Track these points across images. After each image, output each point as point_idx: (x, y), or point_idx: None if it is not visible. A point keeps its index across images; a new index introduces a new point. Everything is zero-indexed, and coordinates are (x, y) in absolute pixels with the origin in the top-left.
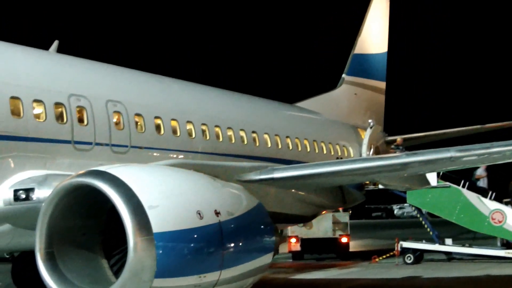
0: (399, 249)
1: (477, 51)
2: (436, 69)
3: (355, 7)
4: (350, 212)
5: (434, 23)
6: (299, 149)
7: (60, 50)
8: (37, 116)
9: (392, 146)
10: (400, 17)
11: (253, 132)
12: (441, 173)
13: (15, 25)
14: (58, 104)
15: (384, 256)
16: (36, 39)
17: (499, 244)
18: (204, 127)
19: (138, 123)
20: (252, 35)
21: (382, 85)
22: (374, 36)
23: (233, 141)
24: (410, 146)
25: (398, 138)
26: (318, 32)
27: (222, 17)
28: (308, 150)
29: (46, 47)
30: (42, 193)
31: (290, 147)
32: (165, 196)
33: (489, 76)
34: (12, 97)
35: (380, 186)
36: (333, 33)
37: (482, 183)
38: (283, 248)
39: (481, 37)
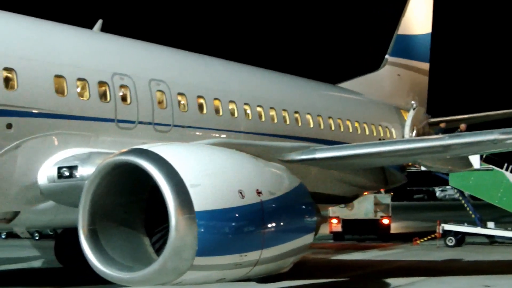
0: (440, 231)
1: None
2: (481, 50)
3: None
4: (392, 193)
5: (479, 2)
6: (341, 129)
7: (104, 29)
8: (81, 95)
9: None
10: None
11: (296, 112)
12: (484, 156)
13: (60, 5)
14: (101, 83)
15: (425, 238)
16: (81, 19)
17: None
18: (246, 107)
19: (181, 102)
20: (297, 15)
21: (426, 66)
22: (418, 16)
23: (275, 121)
24: (454, 128)
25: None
26: (362, 12)
27: None
28: (350, 130)
29: (90, 26)
30: (85, 171)
31: (332, 128)
32: (207, 174)
33: None
34: (57, 76)
35: (422, 168)
36: (377, 14)
37: None
38: (324, 229)
39: None
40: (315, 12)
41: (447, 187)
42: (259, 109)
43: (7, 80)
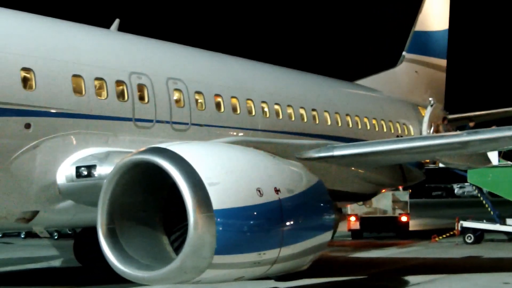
0: (459, 228)
1: None
2: (498, 46)
3: None
4: (410, 191)
5: None
6: (359, 127)
7: (121, 28)
8: (99, 94)
9: None
10: None
11: (313, 110)
12: (502, 152)
13: (77, 4)
14: (119, 82)
15: (444, 236)
16: (98, 18)
17: None
18: (264, 105)
19: (199, 101)
20: (314, 13)
21: (443, 62)
22: (435, 13)
23: (293, 119)
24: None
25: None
26: (379, 9)
27: None
28: (368, 128)
29: (107, 25)
30: (103, 170)
31: (350, 125)
32: (225, 173)
33: None
34: (74, 75)
35: (441, 165)
36: (394, 10)
37: None
38: (343, 227)
39: None
40: (333, 9)
41: (466, 184)
42: (276, 107)
43: (25, 80)
